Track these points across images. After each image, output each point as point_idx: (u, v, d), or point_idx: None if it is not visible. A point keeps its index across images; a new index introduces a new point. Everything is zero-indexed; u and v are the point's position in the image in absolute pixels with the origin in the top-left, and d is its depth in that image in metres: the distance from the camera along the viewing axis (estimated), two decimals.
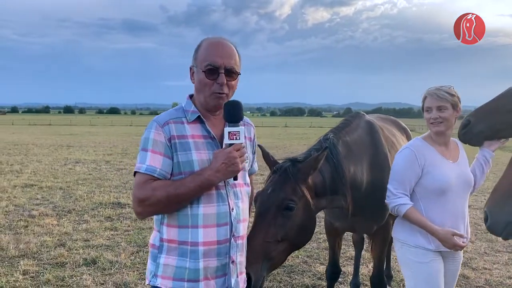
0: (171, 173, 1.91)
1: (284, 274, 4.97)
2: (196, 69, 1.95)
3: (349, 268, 5.16)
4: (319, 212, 2.92)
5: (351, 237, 5.22)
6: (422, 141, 2.75)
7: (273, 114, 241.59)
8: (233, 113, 1.89)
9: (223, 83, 1.91)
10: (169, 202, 1.84)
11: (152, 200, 1.83)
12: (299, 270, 5.12)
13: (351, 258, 5.40)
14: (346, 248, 5.80)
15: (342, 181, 2.83)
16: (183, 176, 1.88)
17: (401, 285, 4.66)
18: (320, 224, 5.26)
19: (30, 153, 17.67)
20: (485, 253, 5.91)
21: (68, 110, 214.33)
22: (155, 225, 2.02)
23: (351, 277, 4.77)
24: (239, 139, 1.87)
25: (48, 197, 8.89)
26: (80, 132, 37.15)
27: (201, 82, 1.93)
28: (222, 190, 1.94)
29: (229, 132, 1.86)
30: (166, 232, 1.94)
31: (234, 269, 1.98)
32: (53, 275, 4.77)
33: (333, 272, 3.89)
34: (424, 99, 2.67)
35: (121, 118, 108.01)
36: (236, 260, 1.99)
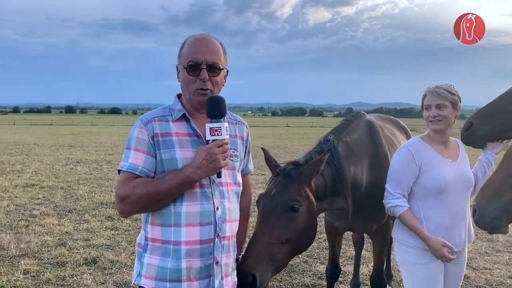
0: (155, 171, 1.88)
1: (285, 274, 4.97)
2: (180, 67, 1.94)
3: (349, 268, 5.17)
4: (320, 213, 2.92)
5: (351, 237, 5.22)
6: (420, 140, 2.72)
7: (275, 114, 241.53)
8: (215, 108, 1.85)
9: (205, 79, 1.88)
10: (150, 200, 1.81)
11: (133, 198, 1.81)
12: (300, 270, 5.13)
13: (351, 258, 5.41)
14: (347, 248, 5.80)
15: (343, 184, 2.81)
16: (166, 174, 1.86)
17: (401, 285, 4.65)
18: (320, 224, 5.24)
19: (32, 153, 17.71)
20: (486, 253, 5.91)
21: (70, 110, 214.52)
22: (142, 224, 2.00)
23: (351, 277, 4.77)
24: (221, 135, 1.81)
25: (49, 197, 8.92)
26: (82, 132, 37.18)
27: (185, 79, 1.92)
28: (207, 189, 1.90)
29: (211, 128, 1.81)
30: (151, 231, 1.92)
31: (219, 271, 1.93)
32: (54, 275, 4.79)
33: (333, 272, 3.88)
34: (424, 97, 2.64)
35: (123, 118, 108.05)
36: (221, 262, 1.94)
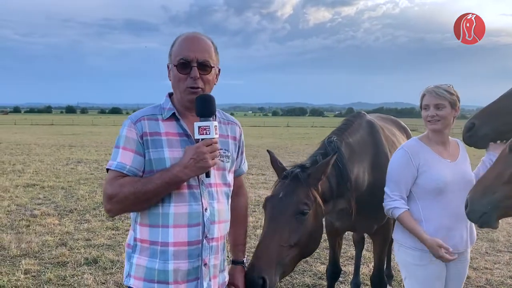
0: (143, 171, 1.86)
1: None
2: (171, 66, 1.92)
3: (350, 268, 5.17)
4: None
5: (352, 237, 5.22)
6: (417, 141, 2.71)
7: (275, 114, 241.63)
8: (204, 107, 1.82)
9: (196, 77, 1.85)
10: (137, 199, 1.79)
11: (120, 197, 1.78)
12: (300, 270, 5.13)
13: (352, 258, 5.41)
14: (347, 248, 5.81)
15: (347, 185, 2.80)
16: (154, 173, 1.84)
17: (402, 285, 4.65)
18: None
19: (32, 153, 17.73)
20: (486, 253, 5.91)
21: (70, 110, 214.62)
22: (131, 225, 1.99)
23: (352, 277, 4.78)
24: (210, 134, 1.78)
25: (50, 197, 8.93)
26: (82, 132, 37.22)
27: (175, 77, 1.89)
28: (196, 190, 1.87)
29: (199, 127, 1.78)
30: (139, 232, 1.90)
31: (207, 272, 1.91)
32: (55, 275, 4.80)
33: (334, 272, 3.88)
34: (423, 97, 2.62)
35: (123, 118, 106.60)
36: (209, 263, 1.92)
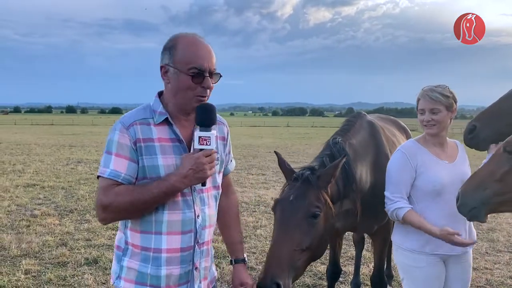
0: (136, 177, 1.82)
1: None
2: (175, 70, 1.81)
3: (350, 268, 5.17)
4: None
5: (352, 237, 5.22)
6: (415, 143, 2.70)
7: (275, 114, 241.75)
8: (206, 117, 1.78)
9: (210, 87, 1.82)
10: (133, 208, 1.77)
11: (116, 206, 1.75)
12: None
13: (352, 258, 5.41)
14: (347, 248, 5.80)
15: (352, 187, 2.79)
16: (148, 181, 1.80)
17: (402, 285, 4.66)
18: None
19: (32, 153, 17.72)
20: (486, 253, 5.92)
21: (70, 110, 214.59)
22: (120, 227, 1.97)
23: (352, 277, 4.78)
24: (210, 145, 1.75)
25: (50, 197, 8.93)
26: (82, 132, 37.22)
27: (184, 85, 1.80)
28: (188, 197, 1.86)
29: (200, 137, 1.75)
30: (130, 237, 1.88)
31: (197, 275, 1.92)
32: (55, 275, 4.80)
33: (334, 272, 3.89)
34: (418, 101, 2.59)
35: None
36: (200, 266, 1.93)
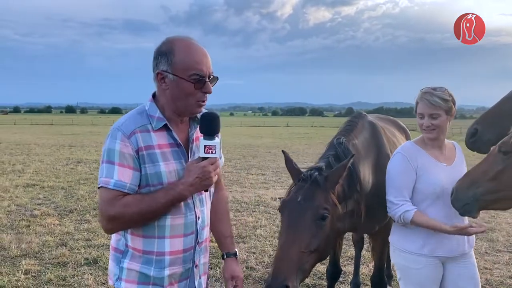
0: (139, 185, 1.83)
1: None
2: (175, 77, 1.80)
3: (350, 268, 5.17)
4: None
5: (351, 237, 5.22)
6: (413, 145, 2.67)
7: (275, 114, 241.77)
8: (211, 127, 1.82)
9: (210, 92, 1.84)
10: (142, 218, 1.79)
11: (126, 218, 1.76)
12: None
13: (352, 258, 5.41)
14: (347, 248, 5.80)
15: (357, 187, 2.78)
16: (151, 189, 1.81)
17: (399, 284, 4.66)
18: None
19: (32, 153, 17.71)
20: (486, 253, 5.91)
21: (70, 110, 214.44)
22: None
23: (352, 277, 4.78)
24: (215, 153, 1.79)
25: (50, 197, 8.92)
26: (82, 132, 37.24)
27: (185, 91, 1.81)
28: (189, 200, 1.89)
29: (205, 146, 1.78)
30: (131, 240, 1.88)
31: (197, 272, 1.97)
32: (55, 275, 4.80)
33: (334, 272, 3.89)
34: (417, 104, 2.56)
35: None
36: (199, 263, 1.98)
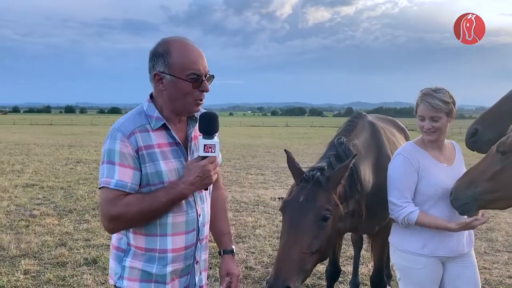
0: (139, 185, 1.85)
1: None
2: (172, 78, 1.83)
3: (349, 268, 5.17)
4: None
5: (350, 237, 5.22)
6: (414, 145, 2.66)
7: (274, 114, 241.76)
8: (210, 126, 1.86)
9: (208, 90, 1.88)
10: (144, 218, 1.82)
11: (128, 217, 1.79)
12: None
13: (351, 258, 5.40)
14: (346, 248, 5.80)
15: (358, 187, 2.77)
16: (152, 188, 1.84)
17: (398, 284, 4.66)
18: None
19: (31, 153, 17.71)
20: (485, 253, 5.91)
21: (69, 110, 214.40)
22: None
23: (351, 277, 4.78)
24: (215, 152, 1.84)
25: (49, 197, 8.91)
26: (81, 132, 37.19)
27: (183, 91, 1.84)
28: (190, 198, 1.92)
29: (205, 145, 1.82)
30: (133, 239, 1.90)
31: (198, 268, 2.02)
32: (54, 275, 4.79)
33: (333, 272, 3.89)
34: (417, 106, 2.54)
35: None
36: (200, 259, 2.02)
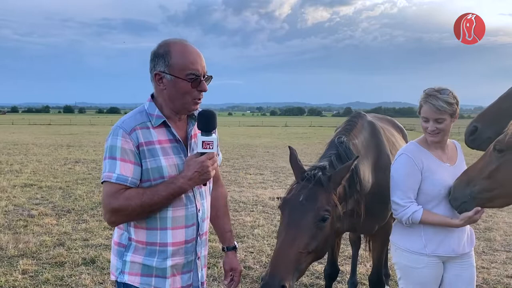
0: (140, 180, 1.92)
1: None
2: (172, 77, 1.91)
3: (347, 267, 5.17)
4: None
5: (349, 236, 5.22)
6: (417, 145, 2.65)
7: (273, 114, 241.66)
8: (208, 123, 1.92)
9: (206, 90, 1.96)
10: (143, 211, 1.87)
11: (128, 210, 1.84)
12: None
13: (349, 257, 5.40)
14: (344, 247, 5.81)
15: (357, 187, 2.77)
16: (152, 182, 1.91)
17: (398, 284, 4.65)
18: None
19: (30, 153, 17.68)
20: (483, 252, 5.92)
21: (68, 110, 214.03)
22: (122, 225, 2.02)
23: (349, 276, 4.77)
24: (213, 148, 1.90)
25: (48, 197, 8.91)
26: (80, 132, 37.14)
27: (182, 90, 1.92)
28: (190, 193, 1.98)
29: (203, 142, 1.88)
30: (134, 233, 1.97)
31: (200, 264, 2.08)
32: (52, 275, 4.79)
33: (332, 272, 3.89)
34: (421, 107, 2.53)
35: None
36: (201, 255, 2.09)
